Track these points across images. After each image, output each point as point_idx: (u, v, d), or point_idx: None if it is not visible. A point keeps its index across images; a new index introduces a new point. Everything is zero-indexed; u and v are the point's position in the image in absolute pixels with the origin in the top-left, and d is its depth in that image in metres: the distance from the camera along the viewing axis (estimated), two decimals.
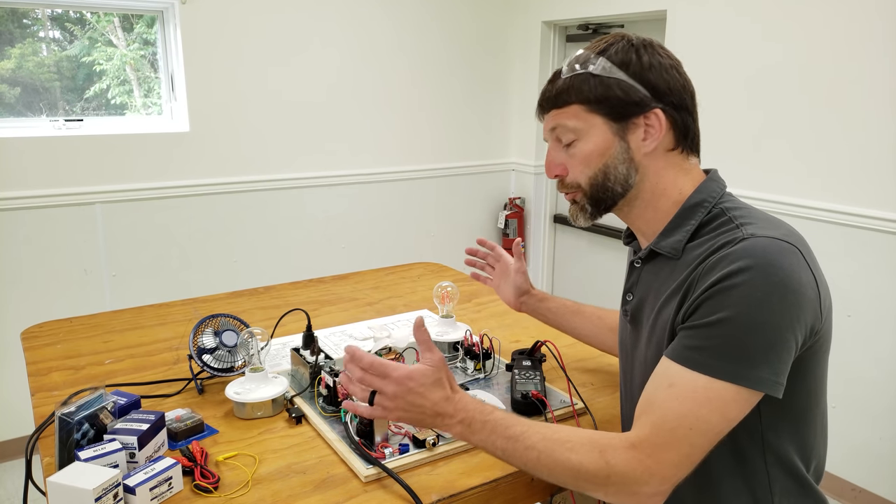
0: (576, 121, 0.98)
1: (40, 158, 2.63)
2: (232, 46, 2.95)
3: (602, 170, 0.99)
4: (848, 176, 2.36)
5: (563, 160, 1.02)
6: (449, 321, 1.49)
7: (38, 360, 1.48)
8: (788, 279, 0.84)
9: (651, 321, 1.00)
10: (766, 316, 0.83)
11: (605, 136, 0.98)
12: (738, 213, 0.95)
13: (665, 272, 0.99)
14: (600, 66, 0.97)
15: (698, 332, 0.86)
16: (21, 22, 2.68)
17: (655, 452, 0.85)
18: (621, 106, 0.96)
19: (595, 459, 0.86)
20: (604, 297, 3.62)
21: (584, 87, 0.97)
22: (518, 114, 3.84)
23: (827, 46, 2.36)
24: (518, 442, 0.92)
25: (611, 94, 0.96)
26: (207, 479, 1.02)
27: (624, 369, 1.14)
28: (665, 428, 0.85)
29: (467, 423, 0.95)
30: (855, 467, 2.44)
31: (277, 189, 3.17)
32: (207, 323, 1.36)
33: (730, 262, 0.86)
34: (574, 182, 1.02)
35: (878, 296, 2.30)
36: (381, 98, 3.40)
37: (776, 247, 0.86)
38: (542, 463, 0.90)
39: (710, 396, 0.84)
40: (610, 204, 1.02)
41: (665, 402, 0.86)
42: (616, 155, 0.98)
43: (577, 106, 0.98)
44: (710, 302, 0.86)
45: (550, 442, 0.90)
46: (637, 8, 3.04)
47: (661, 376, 0.89)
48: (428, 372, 0.96)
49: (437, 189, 3.68)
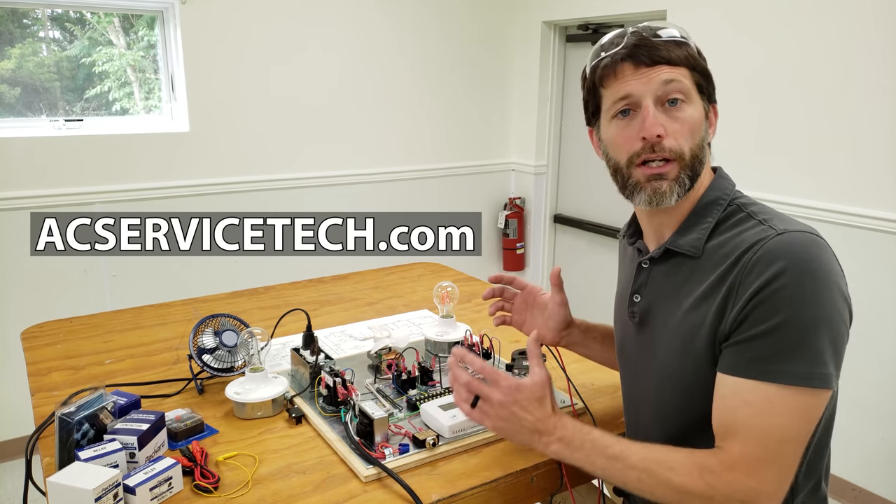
0: (689, 83, 0.92)
1: (40, 158, 2.63)
2: (232, 46, 2.95)
3: (700, 143, 0.93)
4: (848, 176, 2.36)
5: (663, 122, 0.91)
6: (449, 321, 1.49)
7: (38, 360, 1.48)
8: (830, 272, 0.84)
9: (674, 324, 0.96)
10: (819, 311, 0.82)
11: (702, 110, 0.94)
12: (755, 208, 0.93)
13: (684, 272, 0.96)
14: (693, 44, 0.95)
15: (757, 343, 0.84)
16: (21, 22, 2.68)
17: (754, 472, 0.83)
18: (711, 90, 0.96)
19: (696, 481, 0.85)
20: (604, 298, 3.61)
21: (694, 56, 0.93)
22: (518, 113, 3.84)
23: (826, 46, 2.36)
24: (618, 461, 0.90)
25: (709, 74, 0.95)
26: (207, 479, 1.02)
27: (628, 372, 1.10)
28: (757, 445, 0.83)
29: (566, 442, 0.94)
30: (855, 467, 2.44)
31: (277, 189, 3.17)
32: (207, 323, 1.36)
33: (770, 263, 0.84)
34: (677, 148, 0.91)
35: (879, 296, 2.30)
36: (381, 98, 3.40)
37: (810, 241, 0.85)
38: (643, 482, 0.89)
39: (789, 404, 0.83)
40: (695, 182, 0.94)
41: (747, 420, 0.84)
42: (705, 134, 0.95)
43: (687, 70, 0.92)
44: (761, 308, 0.84)
45: (650, 463, 0.88)
46: (637, 8, 3.04)
47: (734, 395, 0.86)
48: (536, 388, 0.95)
49: (437, 189, 3.68)
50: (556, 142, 3.77)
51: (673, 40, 0.92)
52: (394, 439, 1.10)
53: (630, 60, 0.91)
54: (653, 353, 1.01)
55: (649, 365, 1.02)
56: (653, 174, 0.92)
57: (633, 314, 1.05)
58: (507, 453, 1.11)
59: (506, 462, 1.08)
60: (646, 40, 0.91)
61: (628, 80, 0.92)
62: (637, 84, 0.91)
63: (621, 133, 0.94)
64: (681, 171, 0.92)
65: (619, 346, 1.13)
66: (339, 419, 1.16)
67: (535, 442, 0.96)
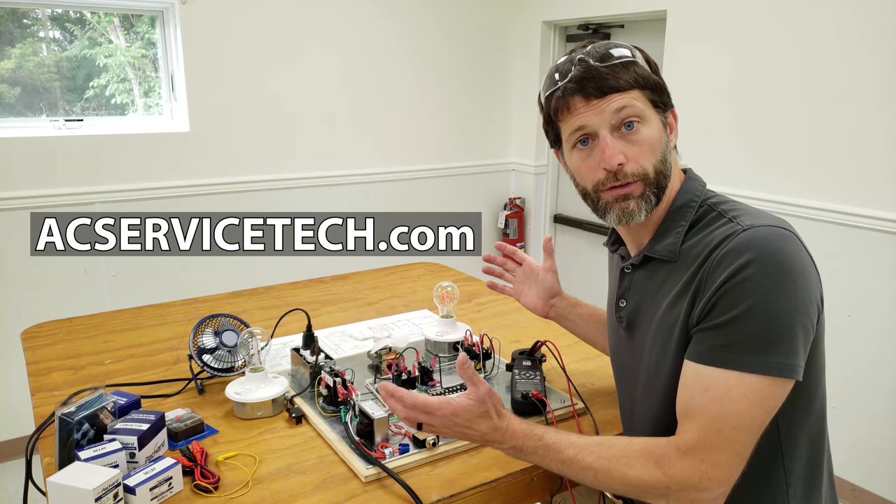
0: (642, 103, 0.94)
1: (40, 158, 2.63)
2: (232, 46, 2.95)
3: (662, 157, 0.96)
4: (847, 176, 2.36)
5: (621, 148, 0.94)
6: (449, 321, 1.49)
7: (38, 360, 1.48)
8: (796, 263, 0.85)
9: (654, 325, 0.99)
10: (782, 303, 0.84)
11: (659, 125, 0.96)
12: (725, 207, 0.95)
13: (661, 275, 0.99)
14: (640, 57, 0.96)
15: (720, 331, 0.86)
16: (21, 22, 2.68)
17: (708, 456, 0.85)
18: (665, 98, 0.97)
19: (652, 472, 0.87)
20: (603, 297, 3.61)
21: (643, 74, 0.94)
22: (518, 114, 3.84)
23: (827, 46, 2.36)
24: (573, 464, 0.92)
25: (660, 86, 0.96)
26: (207, 479, 1.02)
27: (621, 375, 1.13)
28: (711, 430, 0.85)
29: (518, 449, 0.96)
30: (855, 467, 2.44)
31: (277, 189, 3.17)
32: (207, 323, 1.36)
33: (736, 256, 0.86)
34: (639, 170, 0.94)
35: (878, 296, 2.30)
36: (381, 98, 3.40)
37: (777, 234, 0.87)
38: (600, 481, 0.91)
39: (746, 392, 0.84)
40: (662, 195, 0.97)
41: (704, 406, 0.86)
42: (666, 146, 0.97)
43: (638, 91, 0.94)
44: (726, 299, 0.86)
45: (605, 460, 0.90)
46: (637, 8, 3.04)
47: (693, 381, 0.89)
48: (472, 407, 0.95)
49: (437, 189, 3.68)
50: None
51: (621, 63, 0.93)
52: (394, 439, 1.10)
53: (580, 94, 0.93)
54: (640, 355, 1.04)
55: (638, 367, 1.05)
56: (619, 195, 0.96)
57: (621, 319, 1.08)
58: None
59: (506, 462, 1.08)
60: (592, 71, 0.92)
61: (581, 112, 0.94)
62: (590, 116, 0.94)
63: (584, 163, 0.98)
64: (645, 188, 0.95)
65: (612, 350, 1.16)
66: (339, 419, 1.16)
67: (491, 446, 0.98)
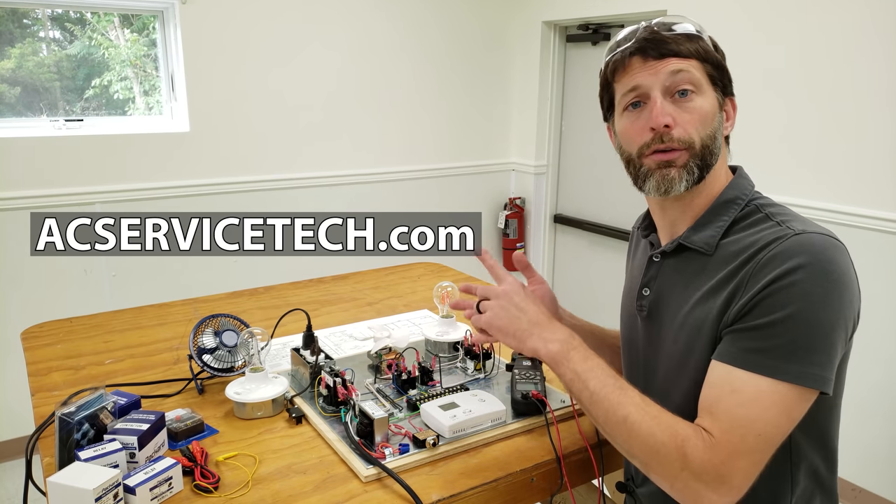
0: (700, 74, 0.93)
1: (40, 158, 2.63)
2: (232, 46, 2.95)
3: (712, 133, 0.94)
4: (848, 176, 2.36)
5: (671, 111, 0.92)
6: (449, 321, 1.49)
7: (38, 360, 1.48)
8: (844, 276, 0.83)
9: (680, 318, 0.97)
10: (827, 314, 0.82)
11: (715, 102, 0.95)
12: (774, 210, 0.93)
13: (694, 267, 0.96)
14: (708, 38, 0.96)
15: (757, 333, 0.84)
16: (21, 22, 2.68)
17: (728, 461, 0.82)
18: (726, 81, 0.96)
19: (675, 448, 0.84)
20: (603, 297, 3.62)
21: (706, 48, 0.94)
22: (518, 113, 3.84)
23: (827, 47, 2.36)
24: (614, 393, 0.89)
25: (723, 66, 0.95)
26: (207, 479, 1.02)
27: (634, 366, 1.10)
28: (735, 434, 0.82)
29: (570, 347, 0.94)
30: (855, 467, 2.44)
31: (277, 189, 3.17)
32: (207, 323, 1.36)
33: (786, 259, 0.83)
34: (686, 138, 0.92)
35: (879, 296, 2.30)
36: (381, 98, 3.40)
37: (830, 243, 0.85)
38: (626, 424, 0.87)
39: (776, 399, 0.82)
40: (706, 173, 0.95)
41: (730, 408, 0.83)
42: (718, 125, 0.95)
43: (698, 62, 0.93)
44: (769, 300, 0.83)
45: (642, 410, 0.87)
46: (637, 8, 3.04)
47: (722, 381, 0.86)
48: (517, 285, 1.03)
49: (437, 189, 3.68)
50: (556, 142, 3.77)
51: (685, 34, 0.93)
52: (394, 439, 1.10)
53: (639, 54, 0.93)
54: (659, 346, 1.01)
55: (656, 358, 1.02)
56: (662, 161, 0.93)
57: (642, 307, 1.04)
58: (507, 453, 1.11)
59: (506, 462, 1.08)
60: (656, 34, 0.93)
61: (636, 72, 0.94)
62: (645, 76, 0.93)
63: (632, 125, 0.96)
64: (689, 159, 0.93)
65: (626, 340, 1.12)
66: (340, 419, 1.16)
67: (533, 335, 0.97)
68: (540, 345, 0.96)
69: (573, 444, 1.13)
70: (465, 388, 1.26)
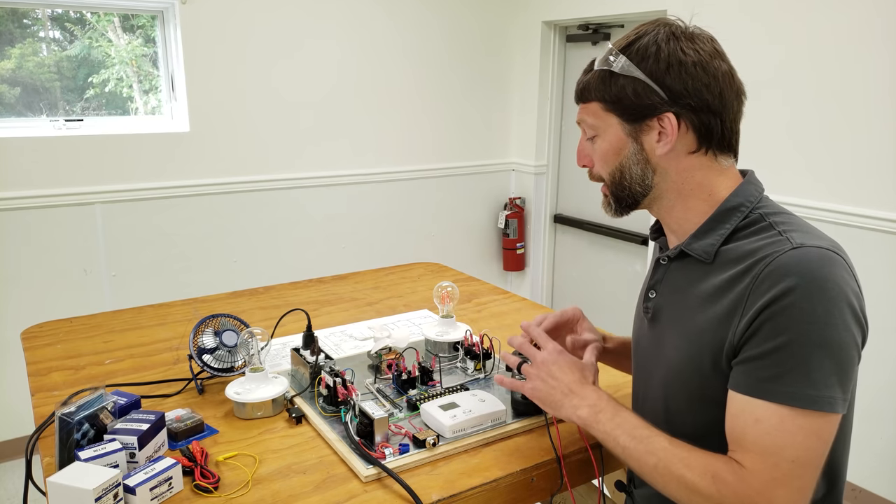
0: (594, 118, 0.99)
1: (40, 158, 2.63)
2: (232, 46, 2.95)
3: (618, 168, 0.99)
4: (849, 176, 2.36)
5: (589, 152, 1.03)
6: (449, 321, 1.49)
7: (38, 360, 1.48)
8: (843, 292, 0.82)
9: (681, 323, 0.97)
10: (830, 334, 0.81)
11: (619, 136, 0.97)
12: (777, 218, 0.92)
13: (696, 274, 0.97)
14: (619, 64, 0.95)
15: (764, 362, 0.84)
16: (21, 22, 2.68)
17: (765, 491, 0.82)
18: (633, 108, 0.95)
19: (709, 485, 0.85)
20: (603, 297, 3.62)
21: (601, 86, 0.97)
22: (518, 113, 3.84)
23: (829, 47, 2.36)
24: (642, 444, 0.92)
25: (624, 96, 0.95)
26: (207, 479, 1.02)
27: (639, 366, 1.11)
28: (767, 463, 0.82)
29: (597, 410, 0.98)
30: (855, 467, 2.43)
31: (277, 189, 3.17)
32: (207, 323, 1.36)
33: (779, 278, 0.83)
34: (599, 175, 1.03)
35: (879, 296, 2.30)
36: (381, 98, 3.40)
37: (827, 258, 0.84)
38: (657, 471, 0.90)
39: (801, 423, 0.82)
40: (631, 202, 1.01)
41: (758, 438, 0.84)
42: (630, 156, 0.97)
43: (596, 104, 0.98)
44: (770, 324, 0.83)
45: (670, 454, 0.89)
46: (637, 8, 3.04)
47: (743, 413, 0.86)
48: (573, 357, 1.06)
49: (438, 189, 3.68)
50: (556, 142, 3.77)
51: (598, 72, 0.98)
52: (394, 439, 1.10)
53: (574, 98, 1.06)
54: (660, 349, 1.02)
55: (657, 360, 1.03)
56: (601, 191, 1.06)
57: (647, 310, 1.06)
58: (507, 453, 1.11)
59: (506, 462, 1.08)
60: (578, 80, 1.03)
61: None
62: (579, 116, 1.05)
63: None
64: (608, 192, 1.03)
65: (634, 341, 1.14)
66: (340, 419, 1.16)
67: (565, 405, 1.01)
68: (571, 412, 1.01)
69: (573, 444, 1.13)
70: (465, 388, 1.26)
